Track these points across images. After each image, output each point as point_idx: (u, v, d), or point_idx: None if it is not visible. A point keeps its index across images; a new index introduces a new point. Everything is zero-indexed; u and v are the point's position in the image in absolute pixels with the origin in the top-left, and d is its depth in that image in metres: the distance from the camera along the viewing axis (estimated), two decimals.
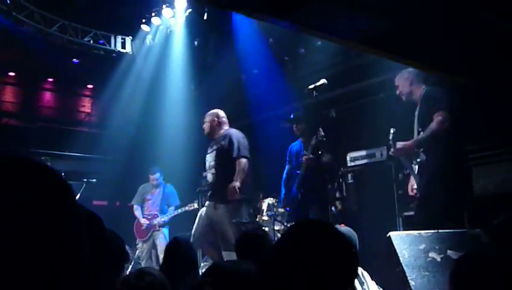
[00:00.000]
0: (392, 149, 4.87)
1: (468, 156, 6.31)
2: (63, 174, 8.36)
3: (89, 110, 13.58)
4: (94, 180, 8.83)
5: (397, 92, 5.17)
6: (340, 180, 6.76)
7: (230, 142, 6.11)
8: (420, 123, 4.84)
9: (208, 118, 6.44)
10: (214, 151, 6.17)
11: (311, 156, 6.02)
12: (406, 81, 5.05)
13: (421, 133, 4.79)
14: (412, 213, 5.64)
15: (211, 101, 9.44)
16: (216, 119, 6.41)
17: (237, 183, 5.73)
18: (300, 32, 5.28)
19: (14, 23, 8.95)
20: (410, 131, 5.18)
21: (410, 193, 5.04)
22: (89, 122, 13.18)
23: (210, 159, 6.22)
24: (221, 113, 6.49)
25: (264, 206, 7.19)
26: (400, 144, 4.64)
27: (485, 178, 6.06)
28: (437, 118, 4.64)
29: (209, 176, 6.18)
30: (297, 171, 6.37)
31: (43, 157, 9.83)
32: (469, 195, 5.62)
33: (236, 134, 6.23)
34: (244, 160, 5.99)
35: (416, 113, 4.99)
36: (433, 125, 4.54)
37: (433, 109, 4.77)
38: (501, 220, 5.20)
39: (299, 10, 2.86)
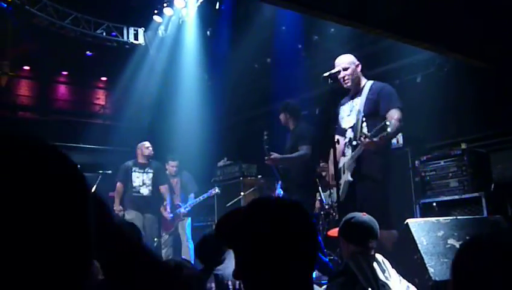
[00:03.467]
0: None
1: (487, 141, 6.24)
2: (78, 166, 8.41)
3: (103, 103, 13.65)
4: (109, 171, 8.87)
5: (342, 74, 4.77)
6: None
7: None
8: (366, 114, 4.60)
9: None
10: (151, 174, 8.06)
11: (271, 156, 6.02)
12: (356, 68, 4.80)
13: (364, 123, 4.53)
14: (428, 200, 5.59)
15: (224, 91, 9.42)
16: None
17: None
18: (311, 16, 5.17)
19: (28, 16, 8.98)
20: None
21: (331, 183, 4.89)
22: (103, 114, 13.25)
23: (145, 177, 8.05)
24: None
25: (281, 195, 7.16)
26: (365, 140, 4.40)
27: (503, 164, 5.98)
28: (396, 116, 4.42)
29: None
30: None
31: None
32: (487, 181, 5.55)
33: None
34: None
35: (358, 102, 4.74)
36: (396, 122, 4.36)
37: (388, 105, 4.56)
38: None
39: None
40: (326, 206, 7.01)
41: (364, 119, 4.59)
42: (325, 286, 3.07)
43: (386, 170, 4.64)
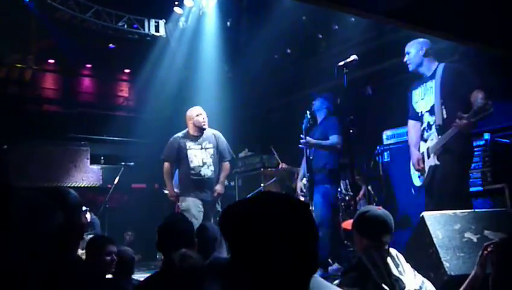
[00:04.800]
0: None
1: (511, 131, 6.09)
2: (102, 158, 8.43)
3: (126, 95, 13.75)
4: (132, 163, 8.96)
5: (405, 58, 4.91)
6: (377, 158, 6.62)
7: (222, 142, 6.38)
8: (444, 96, 4.59)
9: (204, 113, 6.37)
10: (212, 149, 6.24)
11: (307, 139, 5.95)
12: (419, 51, 4.81)
13: (443, 106, 4.55)
14: None
15: (245, 82, 9.40)
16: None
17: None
18: (318, 6, 5.13)
19: (50, 10, 9.09)
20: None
21: (418, 167, 4.81)
22: (126, 106, 13.35)
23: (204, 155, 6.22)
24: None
25: (299, 186, 7.14)
26: (462, 122, 4.38)
27: None
28: (479, 95, 4.39)
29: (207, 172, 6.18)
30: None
31: (82, 142, 10.06)
32: (510, 172, 5.42)
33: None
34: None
35: (433, 85, 4.70)
36: (481, 101, 4.35)
37: (468, 86, 4.52)
38: None
39: None
40: (347, 198, 6.98)
41: (442, 101, 4.60)
42: (337, 281, 3.04)
43: (470, 149, 4.74)
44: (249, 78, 9.10)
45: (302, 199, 7.04)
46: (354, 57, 4.74)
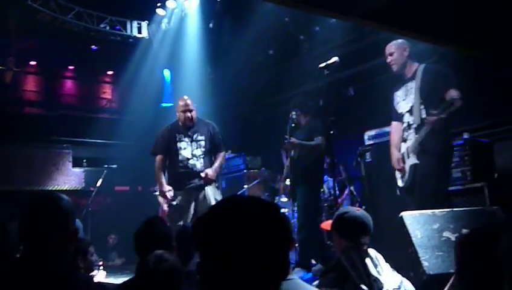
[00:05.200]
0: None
1: (490, 130, 6.17)
2: (84, 161, 8.33)
3: (109, 97, 13.67)
4: (115, 166, 8.91)
5: (388, 58, 4.91)
6: (359, 159, 6.65)
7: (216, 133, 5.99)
8: (423, 96, 4.64)
9: (193, 106, 5.95)
10: (203, 141, 5.84)
11: (291, 140, 5.94)
12: (403, 52, 4.83)
13: (422, 106, 4.61)
14: None
15: (227, 83, 9.40)
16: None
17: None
18: (294, 9, 5.15)
19: (31, 12, 9.01)
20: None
21: (398, 167, 4.86)
22: (109, 108, 13.27)
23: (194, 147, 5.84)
24: None
25: (282, 187, 7.16)
26: (432, 118, 4.47)
27: (508, 152, 5.90)
28: (454, 94, 4.43)
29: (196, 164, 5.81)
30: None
31: (64, 145, 9.97)
32: (490, 171, 5.48)
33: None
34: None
35: (413, 86, 4.75)
36: (457, 101, 4.40)
37: (446, 85, 4.56)
38: None
39: None
40: (330, 198, 7.01)
41: (421, 101, 4.65)
42: (316, 282, 3.05)
43: (449, 148, 4.80)
44: (232, 79, 9.10)
45: (285, 199, 7.07)
46: (335, 58, 4.76)
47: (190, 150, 5.80)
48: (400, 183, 4.93)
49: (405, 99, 4.88)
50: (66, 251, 2.18)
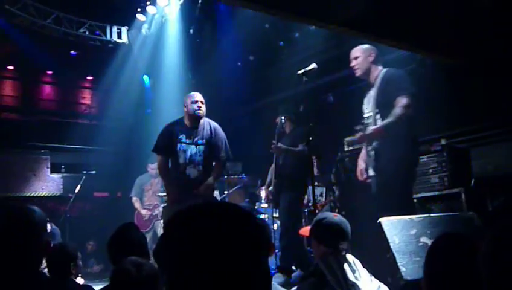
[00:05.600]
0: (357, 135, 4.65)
1: (467, 136, 6.25)
2: (62, 166, 8.23)
3: (88, 102, 13.54)
4: (93, 172, 8.84)
5: (352, 63, 4.75)
6: (338, 165, 6.69)
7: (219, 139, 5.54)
8: (378, 105, 4.54)
9: (203, 99, 5.49)
10: (203, 146, 5.38)
11: (278, 145, 5.95)
12: (368, 57, 4.68)
13: (378, 115, 4.52)
14: None
15: (208, 88, 9.39)
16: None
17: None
18: (272, 16, 5.12)
19: (8, 16, 8.91)
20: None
21: (361, 179, 4.80)
22: (89, 114, 13.15)
23: (194, 152, 5.39)
24: None
25: (263, 194, 7.16)
26: (371, 129, 4.39)
27: (484, 158, 5.99)
28: (401, 102, 4.33)
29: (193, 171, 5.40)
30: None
31: (42, 151, 9.86)
32: (467, 177, 5.55)
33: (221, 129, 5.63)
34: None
35: (373, 93, 4.65)
36: (399, 109, 4.31)
37: (396, 92, 4.43)
38: (498, 203, 5.15)
39: None
40: (310, 204, 7.02)
41: (377, 110, 4.55)
42: (295, 287, 3.06)
43: (403, 161, 4.48)
44: (213, 85, 9.08)
45: (265, 205, 7.08)
46: (313, 65, 4.73)
47: (189, 154, 5.36)
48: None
49: (368, 108, 4.78)
50: (40, 264, 2.16)
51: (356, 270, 2.99)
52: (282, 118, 6.13)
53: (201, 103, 5.41)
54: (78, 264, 3.80)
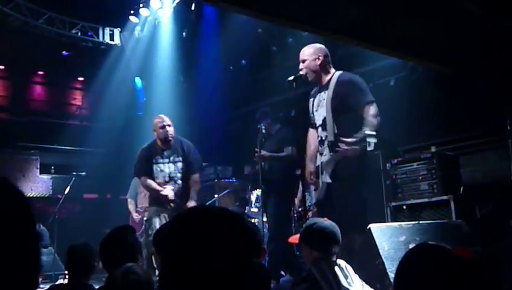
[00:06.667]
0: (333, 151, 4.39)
1: (456, 144, 6.31)
2: (52, 167, 8.22)
3: (79, 103, 13.50)
4: (83, 173, 8.80)
5: (300, 66, 4.58)
6: None
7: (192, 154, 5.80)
8: (333, 108, 4.36)
9: (169, 121, 5.77)
10: (180, 163, 5.68)
11: (261, 153, 5.97)
12: (316, 60, 4.52)
13: (332, 119, 4.34)
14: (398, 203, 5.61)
15: (200, 92, 9.40)
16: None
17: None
18: (265, 21, 5.08)
19: (1, 16, 8.88)
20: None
21: (310, 181, 4.64)
22: (79, 115, 13.11)
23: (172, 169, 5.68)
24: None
25: (253, 198, 7.17)
26: (345, 142, 4.28)
27: (473, 166, 6.05)
28: (372, 111, 4.22)
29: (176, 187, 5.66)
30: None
31: (32, 151, 9.81)
32: (456, 184, 5.60)
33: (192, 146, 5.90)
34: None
35: (325, 96, 4.46)
36: (374, 120, 4.16)
37: (362, 99, 4.32)
38: (487, 211, 5.20)
39: None
40: (300, 209, 7.04)
41: (333, 115, 4.38)
42: None
43: (364, 171, 4.45)
44: (204, 89, 9.09)
45: (256, 210, 7.09)
46: (303, 72, 4.68)
47: (168, 173, 5.64)
48: (313, 195, 4.81)
49: (317, 110, 4.60)
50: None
51: (348, 275, 3.01)
52: (261, 125, 6.13)
53: (169, 126, 5.67)
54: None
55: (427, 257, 1.62)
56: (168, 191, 5.55)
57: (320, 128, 4.54)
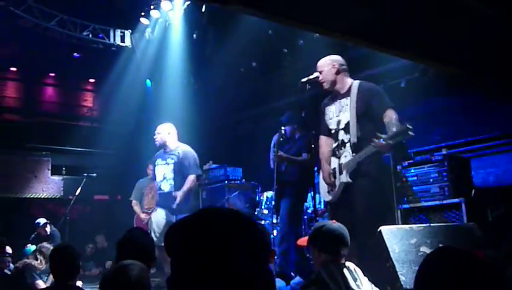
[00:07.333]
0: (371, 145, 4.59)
1: (468, 147, 6.27)
2: (63, 169, 8.31)
3: (90, 105, 13.58)
4: (94, 174, 8.84)
5: (319, 77, 4.75)
6: None
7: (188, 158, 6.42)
8: (359, 115, 4.53)
9: (159, 130, 6.54)
10: (172, 165, 6.39)
11: (279, 153, 5.99)
12: (331, 69, 4.70)
13: (358, 124, 4.50)
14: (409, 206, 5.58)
15: (210, 94, 9.41)
16: (169, 131, 6.55)
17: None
18: (279, 23, 5.13)
19: (12, 18, 8.95)
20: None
21: (329, 181, 4.71)
22: (90, 116, 13.19)
23: (166, 170, 6.44)
24: (173, 127, 6.64)
25: (264, 199, 7.16)
26: (381, 143, 4.38)
27: (485, 169, 6.00)
28: (394, 116, 4.37)
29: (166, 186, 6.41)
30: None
31: (44, 152, 9.87)
32: (468, 187, 5.55)
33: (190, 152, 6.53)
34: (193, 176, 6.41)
35: (347, 102, 4.63)
36: (396, 122, 4.28)
37: (384, 105, 4.49)
38: (498, 214, 5.15)
39: (276, 0, 2.79)
40: (310, 211, 7.03)
41: (357, 119, 4.52)
42: None
43: (384, 171, 4.72)
44: (215, 91, 9.11)
45: (266, 211, 7.08)
46: (316, 74, 4.74)
47: (162, 172, 6.44)
48: (326, 197, 4.86)
49: (338, 116, 4.74)
50: None
51: (358, 278, 3.00)
52: (285, 128, 6.17)
53: (157, 134, 6.52)
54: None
55: (453, 260, 1.61)
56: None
57: (342, 132, 4.68)
